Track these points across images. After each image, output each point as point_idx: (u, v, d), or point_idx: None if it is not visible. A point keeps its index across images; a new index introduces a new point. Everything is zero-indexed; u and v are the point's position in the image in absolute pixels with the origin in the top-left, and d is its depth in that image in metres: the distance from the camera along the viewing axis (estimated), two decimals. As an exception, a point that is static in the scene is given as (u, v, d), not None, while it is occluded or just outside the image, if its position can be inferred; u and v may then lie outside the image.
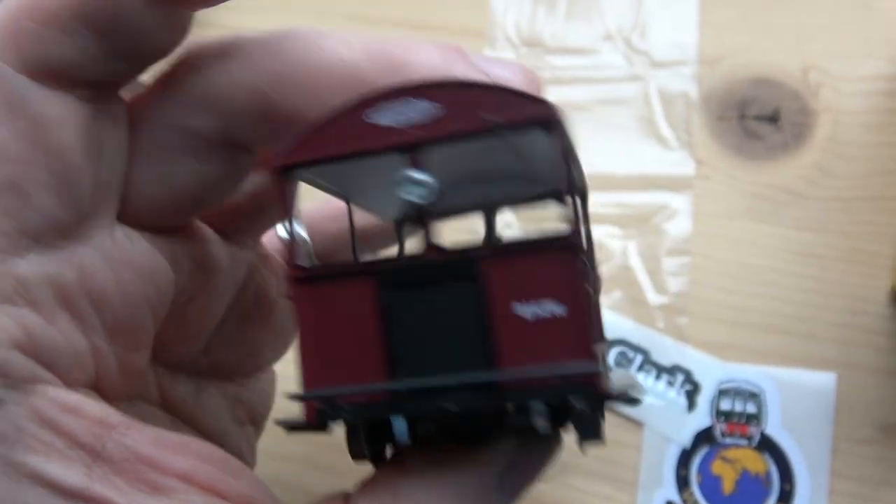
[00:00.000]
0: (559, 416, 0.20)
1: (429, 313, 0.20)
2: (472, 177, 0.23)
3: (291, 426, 0.21)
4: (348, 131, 0.20)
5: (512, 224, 0.44)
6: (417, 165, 0.19)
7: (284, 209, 0.20)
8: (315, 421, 0.20)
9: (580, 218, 0.20)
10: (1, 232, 0.19)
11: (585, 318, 0.19)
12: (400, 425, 0.22)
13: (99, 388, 0.21)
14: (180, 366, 0.27)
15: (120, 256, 0.22)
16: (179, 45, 0.22)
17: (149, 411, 0.26)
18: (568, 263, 0.19)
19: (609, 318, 0.42)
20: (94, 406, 0.20)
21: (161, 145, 0.22)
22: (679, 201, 0.44)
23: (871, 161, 0.43)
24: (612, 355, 0.42)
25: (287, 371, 0.26)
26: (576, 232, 0.19)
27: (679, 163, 0.45)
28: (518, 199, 0.28)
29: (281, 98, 0.21)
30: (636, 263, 0.43)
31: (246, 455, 0.29)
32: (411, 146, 0.19)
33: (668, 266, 0.43)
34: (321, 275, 0.20)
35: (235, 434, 0.29)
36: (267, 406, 0.31)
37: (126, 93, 0.22)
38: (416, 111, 0.19)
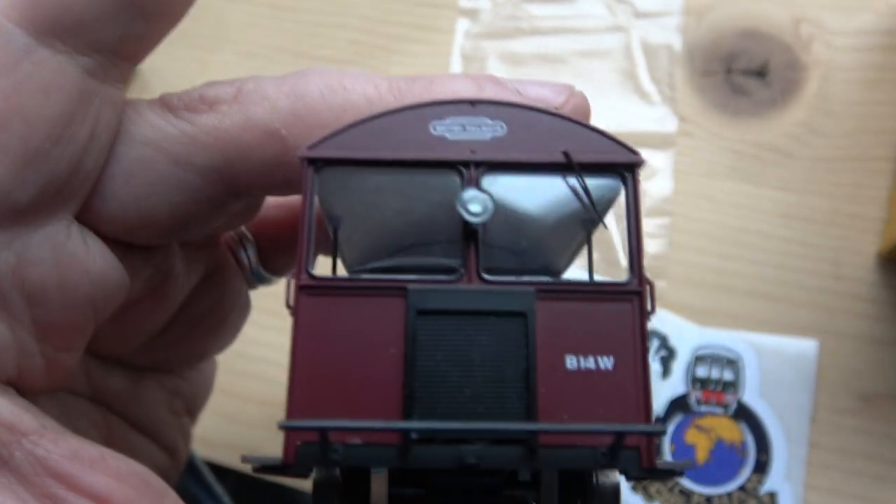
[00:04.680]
0: (569, 493, 0.18)
1: (462, 348, 0.17)
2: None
3: (262, 467, 0.18)
4: (410, 137, 0.18)
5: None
6: (476, 184, 0.17)
7: (306, 204, 0.18)
8: (294, 462, 0.16)
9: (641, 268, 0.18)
10: None
11: (643, 376, 0.17)
12: (379, 487, 0.18)
13: (18, 383, 0.19)
14: (116, 359, 0.25)
15: (71, 254, 0.19)
16: (193, 5, 0.19)
17: (74, 404, 0.24)
18: (631, 315, 0.17)
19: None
20: (4, 408, 0.18)
21: (149, 168, 0.19)
22: (660, 159, 0.42)
23: (859, 119, 0.41)
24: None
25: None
26: (640, 280, 0.18)
27: (661, 119, 0.43)
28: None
29: (298, 141, 0.19)
30: (613, 224, 0.41)
31: (181, 446, 0.28)
32: (480, 164, 0.18)
33: (648, 227, 0.41)
34: (337, 286, 0.17)
35: (171, 425, 0.27)
36: (205, 396, 0.29)
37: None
38: (483, 130, 0.18)
